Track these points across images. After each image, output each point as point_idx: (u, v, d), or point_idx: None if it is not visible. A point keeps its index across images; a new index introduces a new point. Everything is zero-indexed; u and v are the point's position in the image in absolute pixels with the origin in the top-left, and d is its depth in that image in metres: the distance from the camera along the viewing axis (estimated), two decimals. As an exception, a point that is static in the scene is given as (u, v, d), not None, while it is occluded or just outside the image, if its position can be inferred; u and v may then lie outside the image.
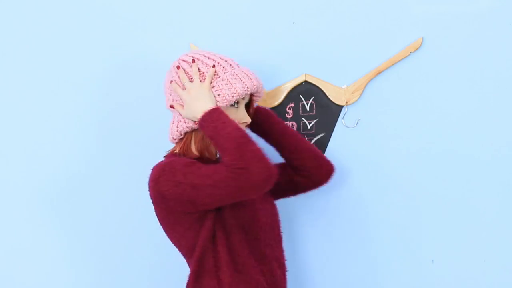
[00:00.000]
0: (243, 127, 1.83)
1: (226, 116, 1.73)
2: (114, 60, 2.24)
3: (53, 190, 2.26)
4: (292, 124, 2.16)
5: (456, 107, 2.09)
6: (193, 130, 1.84)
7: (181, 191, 1.71)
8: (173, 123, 1.87)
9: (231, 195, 1.69)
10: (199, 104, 1.77)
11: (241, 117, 1.83)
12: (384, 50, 2.11)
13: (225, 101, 1.79)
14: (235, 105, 1.83)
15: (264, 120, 1.96)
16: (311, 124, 2.16)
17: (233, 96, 1.79)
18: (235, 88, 1.80)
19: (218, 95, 1.80)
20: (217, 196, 1.69)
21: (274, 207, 1.92)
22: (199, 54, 1.87)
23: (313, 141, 2.16)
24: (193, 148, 1.85)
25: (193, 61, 1.84)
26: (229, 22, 2.19)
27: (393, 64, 2.11)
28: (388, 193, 2.13)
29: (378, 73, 2.12)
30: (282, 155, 1.97)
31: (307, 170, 1.94)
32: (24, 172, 2.27)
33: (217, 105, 1.79)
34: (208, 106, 1.75)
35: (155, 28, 2.22)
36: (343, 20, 2.14)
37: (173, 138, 1.88)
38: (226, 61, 1.85)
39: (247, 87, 1.80)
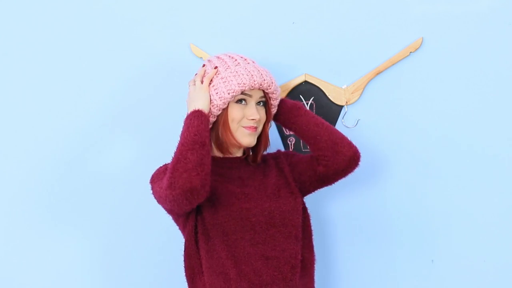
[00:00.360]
0: (252, 123, 1.84)
1: (194, 121, 1.74)
2: (114, 60, 2.24)
3: (56, 189, 2.26)
4: (292, 124, 2.16)
5: (456, 107, 2.10)
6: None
7: (157, 197, 1.80)
8: None
9: (175, 205, 1.71)
10: (189, 106, 1.81)
11: (249, 114, 1.83)
12: (384, 50, 2.11)
13: (222, 98, 1.80)
14: (242, 102, 1.84)
15: (287, 115, 1.94)
16: (311, 124, 2.16)
17: (229, 93, 1.80)
18: (231, 85, 1.80)
19: (216, 93, 1.81)
20: (170, 205, 1.72)
21: (287, 202, 1.85)
22: (215, 55, 1.90)
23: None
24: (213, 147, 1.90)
25: (203, 65, 1.88)
26: (229, 22, 2.19)
27: (393, 64, 2.11)
28: (387, 192, 2.13)
29: (378, 73, 2.12)
30: (308, 147, 1.92)
31: (325, 159, 1.87)
32: (26, 171, 2.27)
33: (216, 104, 1.80)
34: (193, 108, 1.78)
35: (155, 28, 2.22)
36: (343, 20, 2.14)
37: None
38: (235, 59, 1.86)
39: (244, 84, 1.80)
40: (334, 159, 1.86)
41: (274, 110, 1.92)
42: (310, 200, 1.96)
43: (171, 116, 2.17)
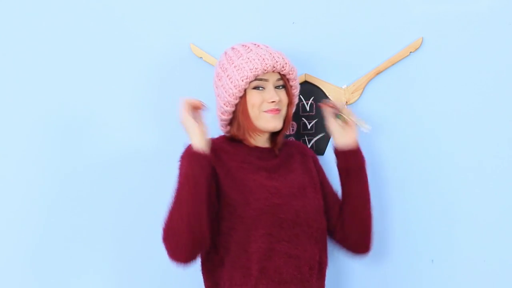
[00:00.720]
0: (273, 106, 1.84)
1: (183, 162, 1.73)
2: (114, 60, 2.24)
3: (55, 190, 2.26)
4: (292, 124, 2.16)
5: (456, 107, 2.10)
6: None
7: None
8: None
9: None
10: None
11: (268, 97, 1.83)
12: (384, 50, 2.11)
13: (237, 86, 1.82)
14: (260, 88, 1.84)
15: (357, 171, 1.93)
16: (311, 124, 2.16)
17: (243, 80, 1.81)
18: (244, 71, 1.81)
19: (231, 82, 1.82)
20: None
21: (311, 202, 1.86)
22: (230, 47, 1.91)
23: (313, 141, 2.16)
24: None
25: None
26: (229, 22, 2.19)
27: (393, 64, 2.11)
28: (387, 192, 2.13)
29: (378, 73, 2.12)
30: (346, 210, 1.94)
31: (347, 229, 1.91)
32: (32, 171, 2.27)
33: (232, 92, 1.82)
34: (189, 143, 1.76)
35: (155, 28, 2.22)
36: (343, 20, 2.14)
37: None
38: (248, 47, 1.87)
39: (256, 68, 1.81)
40: (353, 241, 1.91)
41: (295, 92, 1.92)
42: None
43: (171, 116, 2.17)
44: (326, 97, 2.15)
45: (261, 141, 1.91)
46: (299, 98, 2.16)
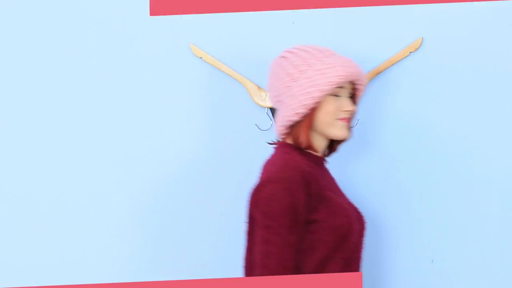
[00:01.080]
0: (347, 115, 1.77)
1: None
2: (114, 60, 2.23)
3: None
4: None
5: (456, 107, 2.10)
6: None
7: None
8: None
9: None
10: None
11: (342, 105, 1.76)
12: (384, 50, 2.11)
13: (322, 91, 1.71)
14: (336, 96, 1.76)
15: None
16: (311, 124, 2.16)
17: (328, 85, 1.71)
18: (328, 77, 1.72)
19: (313, 85, 1.72)
20: None
21: (363, 229, 1.84)
22: (295, 48, 1.81)
23: (313, 141, 2.15)
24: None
25: (282, 57, 1.83)
26: (229, 22, 2.19)
27: (393, 64, 2.11)
28: (387, 193, 2.13)
29: (378, 73, 2.12)
30: None
31: None
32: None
33: (314, 95, 1.72)
34: None
35: (155, 28, 2.22)
36: (343, 20, 2.14)
37: None
38: (321, 51, 1.77)
39: (340, 76, 1.72)
40: None
41: (358, 102, 1.85)
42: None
43: (171, 116, 2.17)
44: (326, 97, 2.15)
45: (322, 150, 1.83)
46: (299, 98, 2.16)
